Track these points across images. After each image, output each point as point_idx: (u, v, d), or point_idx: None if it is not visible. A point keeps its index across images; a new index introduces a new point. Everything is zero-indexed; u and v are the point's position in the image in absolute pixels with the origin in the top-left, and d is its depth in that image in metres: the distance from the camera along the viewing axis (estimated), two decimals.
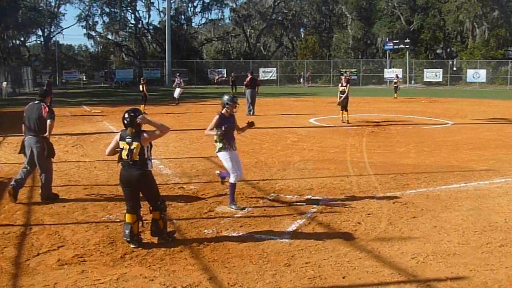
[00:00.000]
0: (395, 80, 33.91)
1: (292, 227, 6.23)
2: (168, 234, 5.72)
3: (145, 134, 5.50)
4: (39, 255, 5.36)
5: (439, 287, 4.59)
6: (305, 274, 4.84)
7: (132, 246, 5.50)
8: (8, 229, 6.20)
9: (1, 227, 6.29)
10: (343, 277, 4.78)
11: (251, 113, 20.73)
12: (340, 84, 17.74)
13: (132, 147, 5.42)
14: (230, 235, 5.97)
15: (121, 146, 5.51)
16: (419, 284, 4.63)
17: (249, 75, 21.88)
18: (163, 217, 5.63)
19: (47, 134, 7.45)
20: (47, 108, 7.49)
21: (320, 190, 8.08)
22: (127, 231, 5.46)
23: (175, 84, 27.58)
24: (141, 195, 5.66)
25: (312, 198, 7.58)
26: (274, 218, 6.60)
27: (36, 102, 7.59)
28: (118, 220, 6.49)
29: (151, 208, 5.64)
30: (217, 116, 7.01)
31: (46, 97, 7.68)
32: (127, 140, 5.46)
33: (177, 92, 26.74)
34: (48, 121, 7.41)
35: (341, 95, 17.20)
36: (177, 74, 29.75)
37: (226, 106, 7.03)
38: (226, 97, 7.12)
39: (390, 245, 5.60)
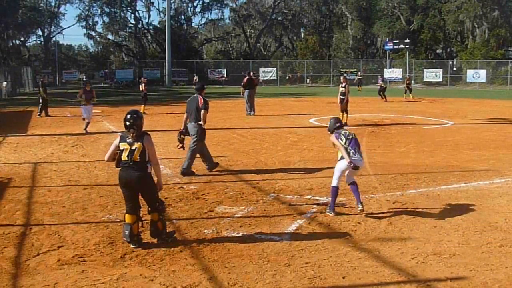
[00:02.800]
0: (408, 81, 32.67)
1: (292, 227, 6.23)
2: (167, 235, 5.70)
3: (149, 139, 5.48)
4: (39, 255, 5.36)
5: (439, 287, 4.59)
6: (305, 274, 4.84)
7: (132, 246, 5.50)
8: (8, 229, 6.20)
9: (1, 227, 6.30)
10: (343, 277, 4.78)
11: (252, 113, 20.73)
12: (340, 85, 17.60)
13: (133, 147, 5.39)
14: (230, 235, 5.97)
15: (121, 148, 5.46)
16: (419, 284, 4.63)
17: (246, 75, 21.84)
18: (161, 219, 5.60)
19: (201, 122, 9.07)
20: (202, 100, 9.08)
21: (320, 190, 8.08)
22: (126, 232, 5.46)
23: (79, 95, 15.92)
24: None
25: (312, 198, 7.58)
26: (274, 218, 6.60)
27: (195, 95, 9.32)
28: (118, 220, 6.49)
29: (149, 209, 5.60)
30: None
31: (202, 91, 9.35)
32: (128, 141, 5.43)
33: (85, 112, 15.61)
34: (202, 111, 9.02)
35: (341, 96, 17.03)
36: (84, 79, 15.87)
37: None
38: None
39: (390, 245, 5.61)
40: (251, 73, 22.52)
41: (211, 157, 9.63)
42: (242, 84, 21.40)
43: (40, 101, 21.07)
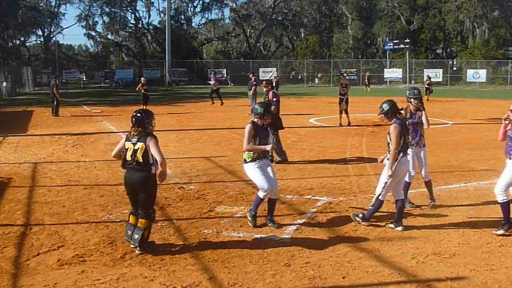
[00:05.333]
0: (428, 81, 30.56)
1: (292, 227, 6.23)
2: (148, 244, 5.48)
3: (152, 140, 5.31)
4: (39, 255, 5.36)
5: (439, 287, 4.59)
6: (305, 274, 4.84)
7: (132, 246, 5.50)
8: (8, 229, 6.20)
9: (1, 227, 6.30)
10: (343, 277, 4.78)
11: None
12: (340, 86, 17.61)
13: (136, 148, 5.32)
14: (230, 235, 5.98)
15: (126, 147, 5.41)
16: (419, 284, 4.63)
17: (252, 75, 21.86)
18: (149, 227, 5.45)
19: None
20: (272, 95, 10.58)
21: (320, 190, 8.08)
22: (129, 232, 5.43)
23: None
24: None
25: (312, 198, 7.58)
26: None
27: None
28: (118, 220, 6.50)
29: (140, 214, 5.39)
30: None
31: (268, 86, 10.83)
32: (132, 140, 5.39)
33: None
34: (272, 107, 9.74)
35: (341, 97, 16.99)
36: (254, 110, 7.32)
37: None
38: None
39: (390, 245, 5.61)
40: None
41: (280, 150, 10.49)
42: (255, 83, 21.30)
43: (54, 101, 20.99)
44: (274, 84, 20.65)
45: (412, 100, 7.18)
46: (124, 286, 4.61)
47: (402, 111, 6.53)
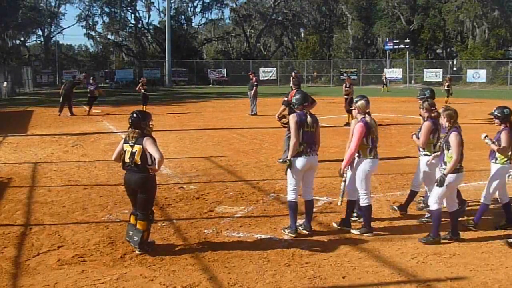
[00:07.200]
0: (448, 83, 28.51)
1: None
2: (148, 245, 5.47)
3: (149, 140, 5.28)
4: (39, 255, 5.36)
5: (439, 287, 4.60)
6: (305, 274, 4.84)
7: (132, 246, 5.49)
8: (8, 229, 6.21)
9: (1, 227, 6.30)
10: (343, 277, 4.78)
11: (251, 113, 20.76)
12: (344, 86, 17.63)
13: (134, 150, 5.30)
14: (230, 235, 5.98)
15: (124, 149, 5.40)
16: (419, 284, 4.63)
17: (253, 75, 21.80)
18: (148, 229, 5.44)
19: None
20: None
21: (320, 190, 8.08)
22: (130, 233, 5.43)
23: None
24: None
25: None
26: (274, 218, 6.60)
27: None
28: (118, 220, 6.50)
29: (139, 216, 5.36)
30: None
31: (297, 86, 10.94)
32: (130, 142, 5.38)
33: None
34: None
35: (346, 97, 16.98)
36: None
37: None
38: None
39: (390, 245, 5.61)
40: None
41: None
42: (256, 83, 21.15)
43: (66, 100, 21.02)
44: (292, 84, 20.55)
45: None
46: (124, 286, 4.61)
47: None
